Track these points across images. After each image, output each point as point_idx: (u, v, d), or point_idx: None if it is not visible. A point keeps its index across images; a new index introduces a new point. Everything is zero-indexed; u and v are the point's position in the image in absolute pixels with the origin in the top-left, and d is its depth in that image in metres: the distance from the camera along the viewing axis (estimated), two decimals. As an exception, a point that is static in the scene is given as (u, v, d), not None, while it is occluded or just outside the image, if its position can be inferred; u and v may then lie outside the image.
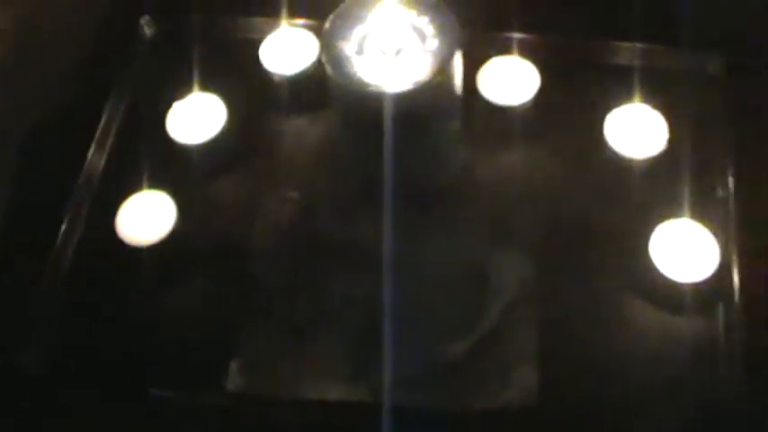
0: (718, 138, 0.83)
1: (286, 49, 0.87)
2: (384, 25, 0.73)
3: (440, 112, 0.75)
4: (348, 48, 0.73)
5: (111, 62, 0.91)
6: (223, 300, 0.79)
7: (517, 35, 0.87)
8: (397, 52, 0.72)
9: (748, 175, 0.81)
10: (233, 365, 0.75)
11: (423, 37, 0.73)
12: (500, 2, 0.88)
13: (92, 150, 0.86)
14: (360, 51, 0.72)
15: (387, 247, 0.74)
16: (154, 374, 0.76)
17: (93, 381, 0.77)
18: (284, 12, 0.89)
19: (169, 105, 0.85)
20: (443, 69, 0.71)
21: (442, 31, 0.73)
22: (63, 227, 0.82)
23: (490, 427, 0.73)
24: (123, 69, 0.91)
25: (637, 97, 0.83)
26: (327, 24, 0.74)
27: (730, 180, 0.80)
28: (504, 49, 0.86)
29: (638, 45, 0.87)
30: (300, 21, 0.89)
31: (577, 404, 0.73)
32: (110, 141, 0.87)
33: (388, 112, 0.71)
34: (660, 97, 0.83)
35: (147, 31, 0.93)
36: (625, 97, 0.83)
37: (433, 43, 0.72)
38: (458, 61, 0.73)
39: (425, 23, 0.73)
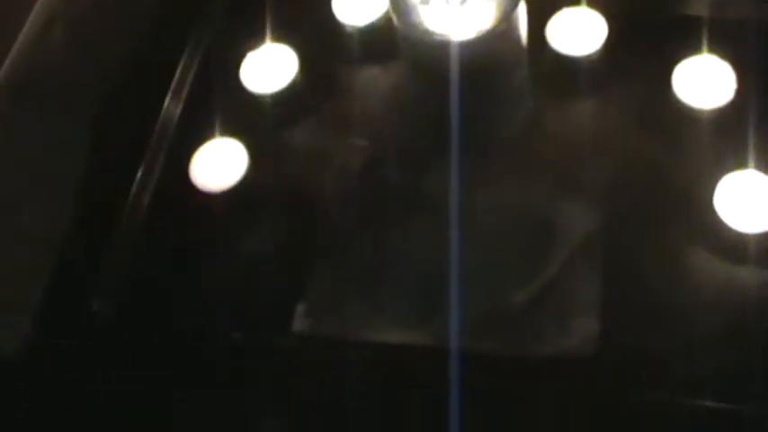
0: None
1: (358, 2, 0.88)
2: (450, -25, 0.74)
3: (505, 60, 0.76)
4: (415, -3, 0.74)
5: (186, 12, 0.93)
6: (292, 244, 0.81)
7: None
8: (462, 1, 0.73)
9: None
10: (300, 308, 0.77)
11: (487, -15, 0.74)
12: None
13: (168, 99, 0.88)
14: (425, 1, 0.74)
15: (453, 195, 0.76)
16: (225, 318, 0.78)
17: (166, 322, 0.79)
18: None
19: (243, 55, 0.87)
20: (507, 18, 0.72)
21: (506, -20, 0.74)
22: (139, 173, 0.84)
23: (551, 375, 0.74)
24: (198, 19, 0.93)
25: (704, 48, 0.82)
26: (395, -25, 0.75)
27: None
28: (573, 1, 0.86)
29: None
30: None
31: (638, 354, 0.74)
32: (185, 90, 0.89)
33: (453, 60, 0.72)
34: (728, 48, 0.82)
35: (222, -19, 0.95)
36: (693, 47, 0.83)
37: (498, -8, 0.73)
38: (522, 10, 0.74)
39: (490, -27, 0.74)
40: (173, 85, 0.89)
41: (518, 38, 0.75)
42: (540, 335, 0.75)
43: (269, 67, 0.87)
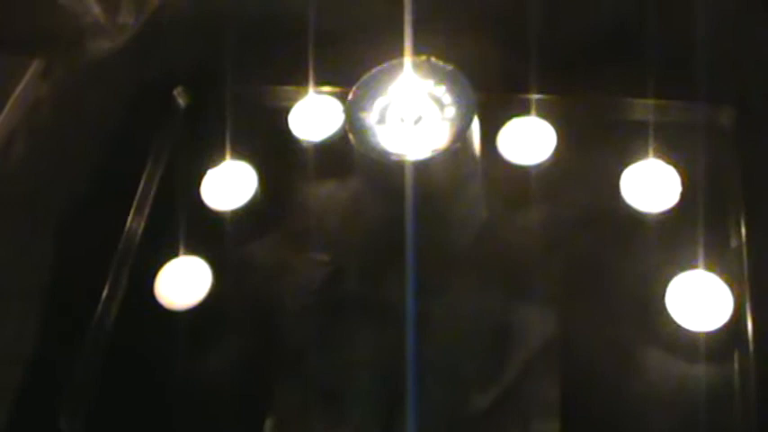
0: (731, 189, 0.85)
1: (314, 117, 0.91)
2: (404, 95, 0.77)
3: (460, 176, 0.78)
4: (370, 118, 0.76)
5: (148, 131, 0.95)
6: (256, 360, 0.82)
7: (534, 96, 0.90)
8: (417, 121, 0.76)
9: (761, 225, 0.83)
10: (267, 424, 0.78)
11: (441, 105, 0.76)
12: (516, 64, 0.90)
13: (130, 217, 0.90)
14: (381, 121, 0.76)
15: (412, 306, 0.78)
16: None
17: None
18: (311, 80, 0.92)
19: (203, 173, 0.89)
20: (462, 136, 0.75)
21: (458, 98, 0.76)
22: (104, 292, 0.86)
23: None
24: (159, 138, 0.95)
25: (651, 153, 0.85)
26: (350, 96, 0.78)
27: (743, 229, 0.83)
28: (522, 110, 0.89)
29: (651, 101, 0.90)
30: (327, 88, 0.93)
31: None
32: (147, 208, 0.91)
33: (409, 179, 0.74)
34: (673, 152, 0.85)
35: (181, 101, 0.97)
36: (639, 153, 0.85)
37: (451, 111, 0.76)
38: (476, 127, 0.77)
39: (443, 92, 0.77)
40: (135, 201, 0.91)
41: (472, 154, 0.78)
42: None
43: (229, 184, 0.88)
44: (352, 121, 0.76)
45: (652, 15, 0.92)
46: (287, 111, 0.92)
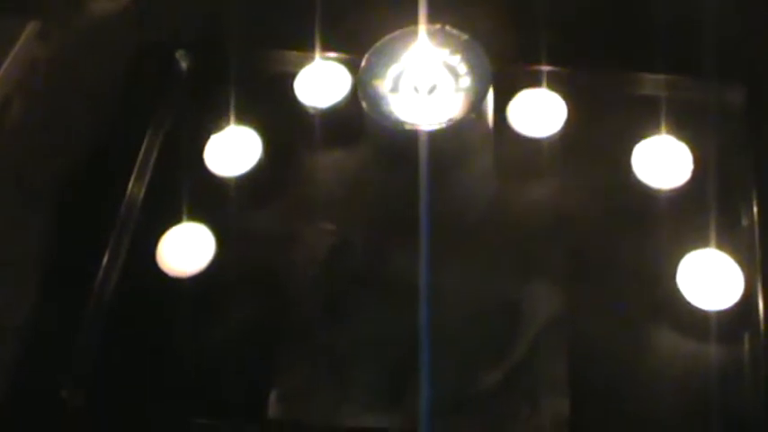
0: (742, 167, 0.85)
1: (320, 83, 0.89)
2: (418, 64, 0.76)
3: (473, 148, 0.77)
4: (383, 86, 0.75)
5: (149, 95, 0.93)
6: (261, 329, 0.81)
7: (545, 68, 0.89)
8: (431, 90, 0.75)
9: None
10: (272, 394, 0.77)
11: (455, 75, 0.75)
12: (528, 36, 0.89)
13: (131, 183, 0.88)
14: (395, 89, 0.75)
15: (421, 279, 0.77)
16: (195, 403, 0.78)
17: (135, 410, 0.79)
18: (318, 45, 0.91)
19: (206, 138, 0.87)
20: (476, 107, 0.74)
21: (473, 69, 0.75)
22: (104, 259, 0.84)
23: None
24: (160, 103, 0.93)
25: (662, 129, 0.85)
26: (363, 63, 0.76)
27: (755, 208, 0.82)
28: (533, 82, 0.88)
29: (663, 77, 0.89)
30: (333, 54, 0.92)
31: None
32: (148, 174, 0.89)
33: (422, 149, 0.73)
34: (685, 128, 0.85)
35: (183, 64, 0.95)
36: (651, 128, 0.85)
37: (466, 81, 0.75)
38: (490, 98, 0.76)
39: (458, 62, 0.76)
40: (135, 168, 0.89)
41: (486, 126, 0.77)
42: (511, 415, 0.76)
43: (233, 150, 0.87)
44: (365, 89, 0.75)
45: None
46: (293, 76, 0.90)
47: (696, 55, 0.87)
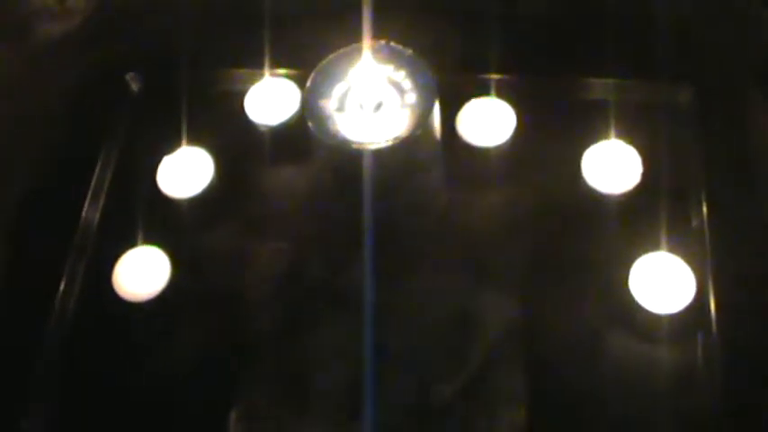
0: (691, 168, 0.85)
1: (270, 100, 0.89)
2: (363, 81, 0.76)
3: (420, 163, 0.78)
4: (329, 105, 0.75)
5: (100, 118, 0.93)
6: (219, 350, 0.81)
7: (493, 76, 0.89)
8: (377, 108, 0.75)
9: (722, 205, 0.83)
10: (232, 414, 0.77)
11: (401, 91, 0.76)
12: (474, 45, 0.89)
13: (85, 208, 0.88)
14: (340, 108, 0.75)
15: (372, 294, 0.77)
16: (155, 428, 0.79)
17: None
18: (266, 63, 0.91)
19: (159, 159, 0.87)
20: (423, 123, 0.74)
21: (419, 84, 0.76)
22: (61, 285, 0.84)
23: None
24: (112, 125, 0.93)
25: (611, 133, 0.85)
26: (309, 83, 0.77)
27: (704, 209, 0.83)
28: (481, 91, 0.88)
29: (611, 80, 0.90)
30: (283, 71, 0.92)
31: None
32: (102, 198, 0.89)
33: (369, 167, 0.73)
34: (634, 131, 0.85)
35: (134, 86, 0.95)
36: (600, 132, 0.85)
37: (411, 97, 0.75)
38: (436, 112, 0.76)
39: (402, 77, 0.76)
40: (90, 189, 0.89)
41: (433, 140, 0.77)
42: (468, 428, 0.76)
43: (185, 171, 0.87)
44: (311, 109, 0.75)
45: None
46: (242, 94, 0.90)
47: (643, 57, 0.88)
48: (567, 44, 0.92)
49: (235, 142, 0.90)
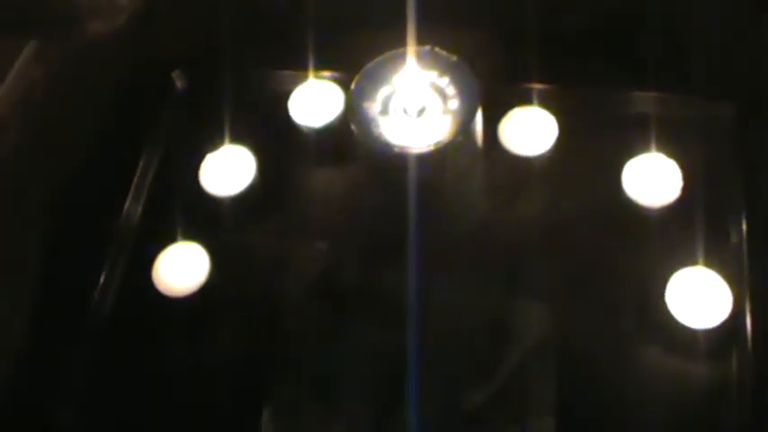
0: (731, 184, 0.85)
1: (314, 102, 0.90)
2: (407, 86, 0.76)
3: (462, 169, 0.78)
4: (373, 108, 0.76)
5: (145, 115, 0.95)
6: (253, 348, 0.82)
7: (536, 86, 0.90)
8: (420, 112, 0.76)
9: (761, 223, 0.83)
10: (264, 415, 0.78)
11: (444, 97, 0.76)
12: (518, 54, 0.90)
13: (128, 203, 0.89)
14: (384, 112, 0.76)
15: (412, 298, 0.77)
16: (187, 425, 0.79)
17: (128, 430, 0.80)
18: (311, 65, 0.92)
19: (202, 157, 0.88)
20: (465, 129, 0.74)
21: (462, 90, 0.76)
22: (101, 279, 0.85)
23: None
24: (156, 122, 0.94)
25: (652, 146, 0.85)
26: (353, 85, 0.77)
27: (743, 225, 0.83)
28: (524, 101, 0.88)
29: (653, 94, 0.90)
30: (327, 74, 0.92)
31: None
32: (144, 194, 0.90)
33: (411, 171, 0.74)
34: (674, 146, 0.85)
35: (179, 84, 0.97)
36: (641, 145, 0.85)
37: (455, 103, 0.76)
38: (478, 119, 0.76)
39: (446, 84, 0.77)
40: (132, 188, 0.90)
41: (475, 146, 0.78)
42: (500, 435, 0.77)
43: (228, 169, 0.88)
44: (355, 111, 0.76)
45: (654, 6, 0.91)
46: (287, 96, 0.91)
47: (686, 72, 0.87)
48: (609, 57, 0.91)
49: (278, 143, 0.91)
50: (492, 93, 0.81)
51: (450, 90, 0.76)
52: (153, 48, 0.96)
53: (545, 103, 0.88)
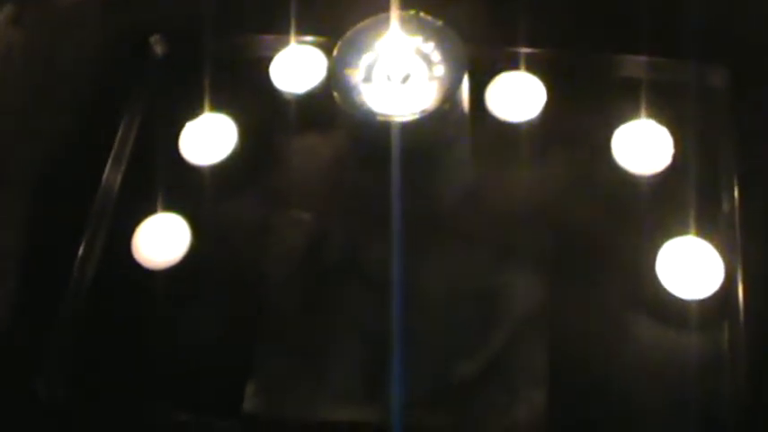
0: (724, 151, 0.83)
1: (296, 67, 0.88)
2: (391, 52, 0.74)
3: (448, 137, 0.76)
4: (356, 76, 0.74)
5: (124, 81, 0.92)
6: (237, 321, 0.80)
7: (524, 50, 0.88)
8: (405, 79, 0.73)
9: (754, 190, 0.81)
10: (248, 388, 0.77)
11: (429, 63, 0.74)
12: (505, 17, 0.88)
13: (106, 172, 0.87)
14: (367, 79, 0.74)
15: (396, 269, 0.76)
16: (170, 398, 0.78)
17: (110, 404, 0.79)
18: (293, 29, 0.89)
19: (181, 125, 0.86)
20: (451, 96, 0.72)
21: (448, 56, 0.74)
22: (80, 249, 0.83)
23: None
24: (135, 89, 0.92)
25: (643, 112, 0.83)
26: (335, 52, 0.75)
27: (735, 194, 0.81)
28: (511, 65, 0.86)
29: (644, 59, 0.88)
30: (309, 38, 0.90)
31: (586, 423, 0.75)
32: (124, 163, 0.88)
33: (396, 139, 0.72)
34: (666, 111, 0.83)
35: (158, 49, 0.94)
36: (631, 111, 0.84)
37: (440, 69, 0.73)
38: (465, 86, 0.74)
39: (431, 49, 0.74)
40: (112, 154, 0.88)
41: (461, 114, 0.76)
42: (489, 407, 0.75)
43: (208, 138, 0.86)
44: (337, 79, 0.74)
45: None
46: (268, 61, 0.89)
47: (678, 36, 0.86)
48: (600, 20, 0.90)
49: (259, 110, 0.89)
50: (478, 57, 0.79)
51: (436, 56, 0.74)
52: (131, 12, 0.94)
53: (533, 68, 0.86)
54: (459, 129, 0.77)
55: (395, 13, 0.75)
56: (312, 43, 0.90)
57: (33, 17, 0.91)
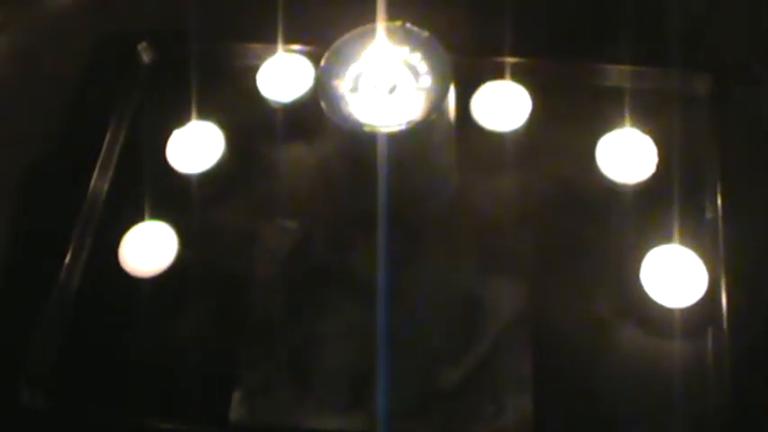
0: (707, 159, 0.84)
1: (283, 76, 0.88)
2: (378, 63, 0.75)
3: (434, 146, 0.76)
4: (343, 86, 0.74)
5: (110, 89, 0.92)
6: (223, 329, 0.81)
7: (509, 59, 0.88)
8: (391, 90, 0.74)
9: (737, 198, 0.82)
10: (234, 396, 0.77)
11: (416, 74, 0.74)
12: (490, 27, 0.88)
13: (93, 180, 0.87)
14: (354, 89, 0.74)
15: (382, 276, 0.76)
16: (156, 407, 0.78)
17: (95, 410, 0.79)
18: (280, 38, 0.90)
19: (168, 133, 0.86)
20: (437, 107, 0.73)
21: (434, 67, 0.74)
22: (66, 257, 0.83)
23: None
24: (122, 96, 0.92)
25: (627, 121, 0.84)
26: (322, 62, 0.75)
27: (719, 202, 0.82)
28: (496, 74, 0.87)
29: (627, 67, 0.88)
30: (297, 47, 0.91)
31: (570, 430, 0.76)
32: (111, 170, 0.88)
33: (382, 149, 0.72)
34: (649, 120, 0.84)
35: (145, 57, 0.94)
36: (615, 120, 0.84)
37: (427, 80, 0.74)
38: (451, 96, 0.75)
39: (418, 60, 0.75)
40: (98, 162, 0.88)
41: (447, 123, 0.76)
42: (474, 414, 0.76)
43: (195, 146, 0.86)
44: (324, 89, 0.74)
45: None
46: (255, 69, 0.89)
47: (660, 44, 0.87)
48: (583, 29, 0.91)
49: (246, 118, 0.89)
50: (464, 67, 0.79)
51: (422, 67, 0.74)
52: (118, 20, 0.94)
53: (518, 77, 0.87)
54: (444, 139, 0.77)
55: (382, 24, 0.75)
56: (299, 52, 0.90)
57: (18, 24, 0.91)
